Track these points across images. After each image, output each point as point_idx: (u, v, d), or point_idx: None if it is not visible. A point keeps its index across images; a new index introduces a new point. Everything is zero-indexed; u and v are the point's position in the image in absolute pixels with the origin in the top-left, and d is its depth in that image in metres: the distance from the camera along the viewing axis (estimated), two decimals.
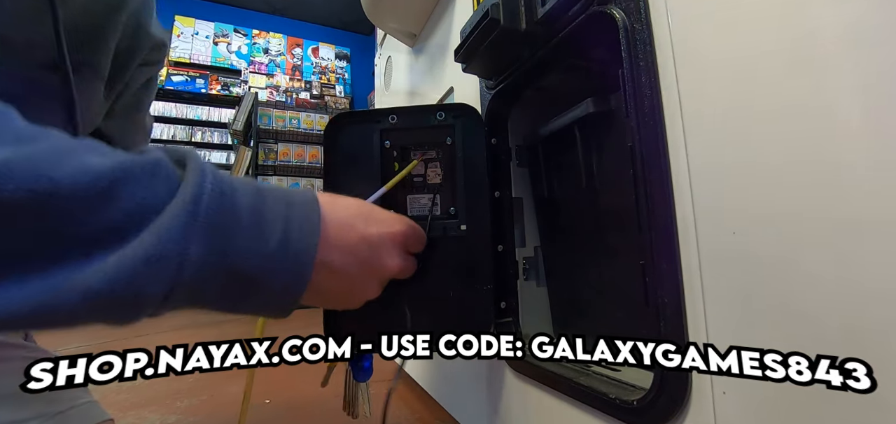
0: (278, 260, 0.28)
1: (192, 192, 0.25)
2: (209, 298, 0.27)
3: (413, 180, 0.47)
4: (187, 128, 4.21)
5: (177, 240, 0.24)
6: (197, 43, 4.42)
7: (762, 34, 0.28)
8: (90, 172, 0.23)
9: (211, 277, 0.26)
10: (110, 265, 0.23)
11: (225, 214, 0.27)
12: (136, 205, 0.24)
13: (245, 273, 0.27)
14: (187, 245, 0.25)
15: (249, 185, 0.29)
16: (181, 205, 0.25)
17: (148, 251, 0.24)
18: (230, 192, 0.27)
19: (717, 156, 0.31)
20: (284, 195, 0.31)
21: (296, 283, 0.30)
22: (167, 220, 0.24)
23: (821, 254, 0.25)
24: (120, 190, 0.24)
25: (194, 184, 0.26)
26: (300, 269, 0.30)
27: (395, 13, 0.87)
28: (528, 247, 0.62)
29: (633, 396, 0.37)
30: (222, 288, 0.27)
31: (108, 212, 0.23)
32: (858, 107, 0.24)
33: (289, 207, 0.30)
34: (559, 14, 0.45)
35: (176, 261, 0.24)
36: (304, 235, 0.30)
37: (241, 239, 0.27)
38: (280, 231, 0.29)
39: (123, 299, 0.24)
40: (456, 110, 0.48)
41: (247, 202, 0.28)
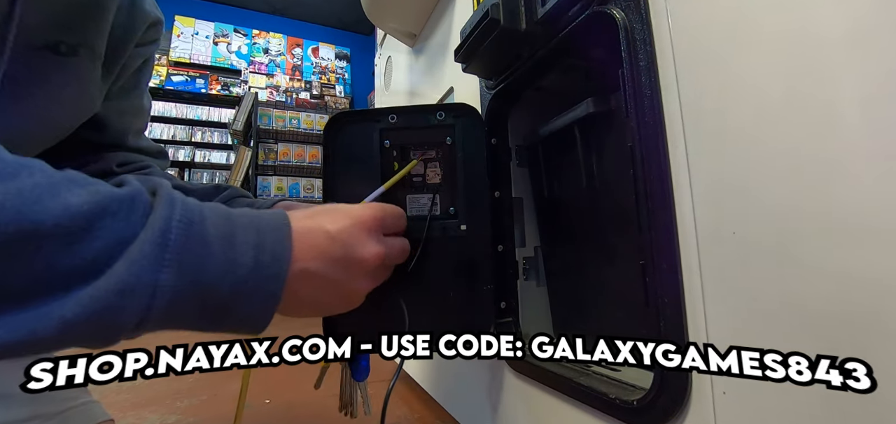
0: (251, 284, 0.29)
1: (161, 225, 0.26)
2: (186, 321, 0.28)
3: (412, 180, 0.47)
4: (187, 128, 4.21)
5: (148, 270, 0.25)
6: (197, 43, 4.42)
7: (762, 34, 0.28)
8: (70, 211, 0.24)
9: (184, 303, 0.27)
10: (85, 296, 0.24)
11: (194, 243, 0.27)
12: (114, 240, 0.25)
13: (218, 297, 0.28)
14: (158, 274, 0.26)
15: (219, 214, 0.30)
16: (150, 236, 0.26)
17: (120, 282, 0.25)
18: (199, 221, 0.28)
19: (717, 155, 0.31)
20: (255, 220, 0.32)
21: (268, 304, 0.31)
22: (137, 251, 0.26)
23: (821, 254, 0.25)
24: (98, 225, 0.25)
25: (162, 218, 0.27)
26: (272, 291, 0.31)
27: (395, 13, 0.87)
28: (528, 247, 0.62)
29: (633, 396, 0.37)
30: (198, 312, 0.28)
31: (86, 248, 0.24)
32: (859, 106, 0.24)
33: (259, 233, 0.31)
34: (559, 14, 0.45)
35: (148, 290, 0.25)
36: (275, 259, 0.31)
37: (212, 266, 0.28)
38: (251, 257, 0.30)
39: (98, 327, 0.25)
40: (456, 110, 0.48)
41: (217, 231, 0.29)
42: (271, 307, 0.31)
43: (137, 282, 0.25)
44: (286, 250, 0.31)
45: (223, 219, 0.30)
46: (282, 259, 0.31)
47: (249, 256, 0.30)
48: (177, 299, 0.26)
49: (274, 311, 0.31)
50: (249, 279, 0.29)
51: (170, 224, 0.27)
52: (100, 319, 0.24)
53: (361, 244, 0.36)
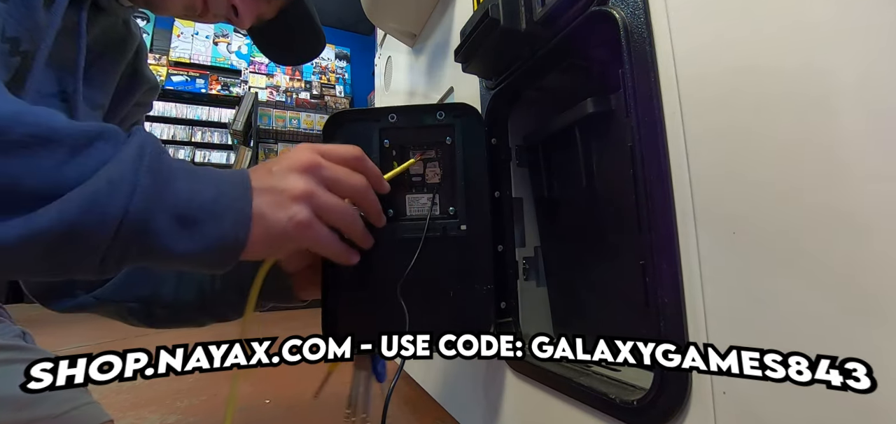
0: (218, 206, 0.33)
1: (138, 141, 0.31)
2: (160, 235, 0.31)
3: (411, 179, 0.47)
4: (187, 128, 4.21)
5: (129, 171, 0.30)
6: (197, 43, 4.42)
7: (762, 33, 0.28)
8: (78, 128, 0.29)
9: (158, 212, 0.30)
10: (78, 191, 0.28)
11: (163, 166, 0.32)
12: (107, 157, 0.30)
13: (188, 214, 0.32)
14: (136, 176, 0.30)
15: (182, 160, 0.36)
16: (130, 149, 0.31)
17: (109, 174, 0.29)
18: (167, 156, 0.33)
19: (717, 155, 0.31)
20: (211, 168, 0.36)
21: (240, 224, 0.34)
22: (119, 159, 0.30)
23: (821, 254, 0.25)
24: (96, 144, 0.30)
25: (138, 139, 0.32)
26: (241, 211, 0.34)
27: (395, 13, 0.87)
28: (528, 247, 0.62)
29: (633, 396, 0.37)
30: (169, 226, 0.31)
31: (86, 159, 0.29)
32: (860, 107, 0.24)
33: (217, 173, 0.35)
34: (559, 14, 0.45)
35: (129, 187, 0.29)
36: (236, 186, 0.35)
37: (179, 188, 0.32)
38: (213, 187, 0.33)
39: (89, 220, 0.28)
40: (456, 110, 0.48)
41: (180, 166, 0.33)
42: (245, 224, 0.34)
43: (121, 178, 0.29)
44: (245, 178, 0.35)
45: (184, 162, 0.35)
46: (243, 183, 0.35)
47: (211, 185, 0.33)
48: (151, 201, 0.30)
49: (249, 230, 0.34)
50: (216, 201, 0.33)
51: (145, 142, 0.31)
52: (92, 204, 0.28)
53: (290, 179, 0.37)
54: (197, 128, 4.25)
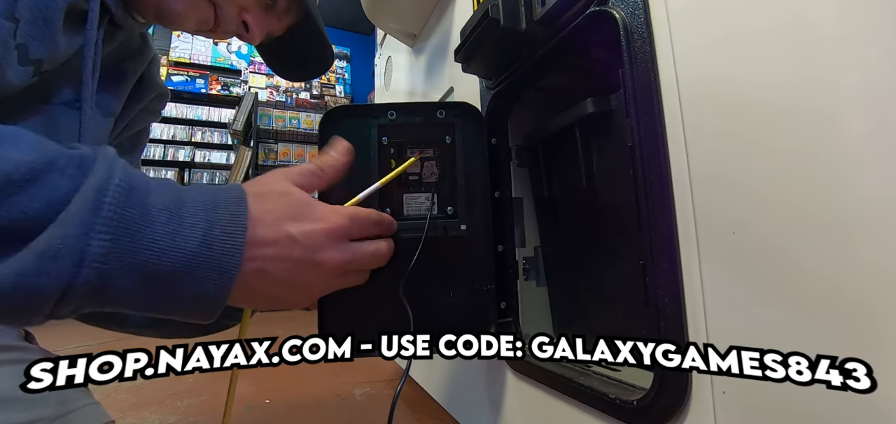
0: (200, 261, 0.27)
1: (96, 184, 0.24)
2: (121, 297, 0.26)
3: (409, 179, 0.47)
4: (187, 128, 4.20)
5: (75, 235, 0.23)
6: (197, 43, 4.42)
7: (762, 33, 0.28)
8: (11, 159, 0.23)
9: (119, 274, 0.25)
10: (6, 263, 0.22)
11: (133, 210, 0.25)
12: (59, 198, 0.23)
13: (161, 272, 0.26)
14: (86, 241, 0.23)
15: (168, 186, 0.29)
16: (83, 196, 0.24)
17: (43, 245, 0.22)
18: (143, 191, 0.27)
19: (717, 155, 0.31)
20: (208, 196, 0.30)
21: (220, 287, 0.28)
22: (68, 212, 0.23)
23: (821, 254, 0.25)
24: (43, 179, 0.23)
25: (99, 178, 0.25)
26: (225, 272, 0.28)
27: (395, 13, 0.87)
28: (528, 247, 0.62)
29: (633, 396, 0.37)
30: (135, 286, 0.26)
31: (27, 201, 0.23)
32: (859, 107, 0.24)
33: (212, 210, 0.29)
34: (559, 14, 0.45)
35: (74, 258, 0.23)
36: (229, 236, 0.29)
37: (154, 237, 0.26)
38: (201, 232, 0.28)
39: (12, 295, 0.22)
40: (456, 109, 0.48)
41: (162, 202, 0.27)
42: (227, 286, 0.28)
43: (62, 247, 0.23)
44: (242, 227, 0.29)
45: (171, 191, 0.28)
46: (237, 233, 0.29)
47: (199, 230, 0.27)
48: (108, 272, 0.24)
49: (228, 293, 0.29)
50: (200, 254, 0.27)
51: (108, 184, 0.25)
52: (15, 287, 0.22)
53: (325, 250, 0.34)
54: (197, 128, 4.24)
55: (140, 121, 0.58)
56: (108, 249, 0.24)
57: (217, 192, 0.30)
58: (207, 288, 0.28)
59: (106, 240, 0.24)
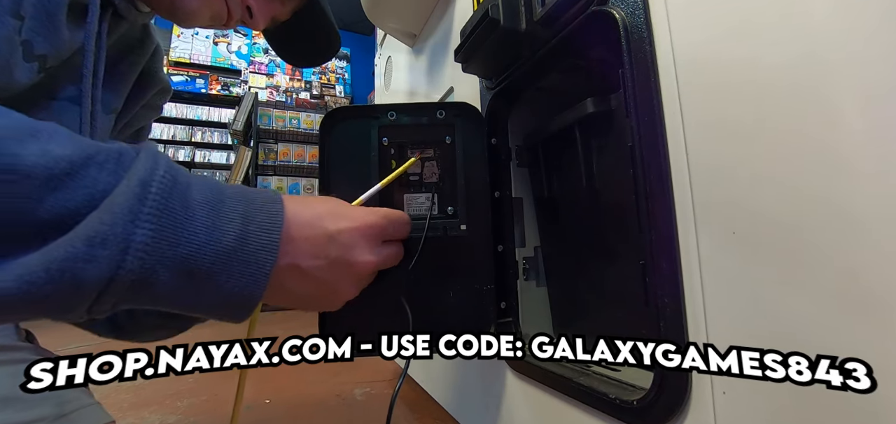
0: (236, 256, 0.28)
1: (141, 177, 0.25)
2: (160, 292, 0.26)
3: (410, 179, 0.47)
4: (187, 128, 4.21)
5: (122, 222, 0.23)
6: (197, 43, 4.42)
7: (762, 33, 0.28)
8: (52, 153, 0.23)
9: (160, 267, 0.25)
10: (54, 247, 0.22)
11: (176, 203, 0.26)
12: (100, 191, 0.24)
13: (199, 267, 0.26)
14: (133, 228, 0.24)
15: (208, 182, 0.29)
16: (128, 187, 0.24)
17: (90, 229, 0.23)
18: (184, 185, 0.27)
19: (717, 155, 0.31)
20: (245, 193, 0.30)
21: (255, 282, 0.29)
22: (112, 201, 0.24)
23: (821, 253, 0.25)
24: (83, 174, 0.23)
25: (145, 169, 0.25)
26: (260, 267, 0.29)
27: (395, 13, 0.87)
28: (528, 247, 0.62)
29: (633, 396, 0.37)
30: (174, 281, 0.26)
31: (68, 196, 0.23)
32: (860, 106, 0.24)
33: (249, 204, 0.29)
34: (559, 14, 0.45)
35: (120, 244, 0.23)
36: (265, 231, 0.29)
37: (194, 231, 0.26)
38: (238, 227, 0.28)
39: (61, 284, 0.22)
40: (456, 109, 0.48)
41: (203, 197, 0.27)
42: (261, 282, 0.29)
43: (110, 233, 0.23)
44: (277, 224, 0.30)
45: (211, 186, 0.29)
46: (273, 228, 0.29)
47: (236, 225, 0.28)
48: (151, 261, 0.24)
49: (263, 289, 0.29)
50: (236, 249, 0.27)
51: (152, 176, 0.25)
52: (63, 272, 0.22)
53: (361, 250, 0.35)
54: (197, 128, 4.25)
55: (142, 117, 0.55)
56: (151, 239, 0.24)
57: (255, 191, 0.31)
58: (242, 283, 0.28)
59: (150, 230, 0.24)
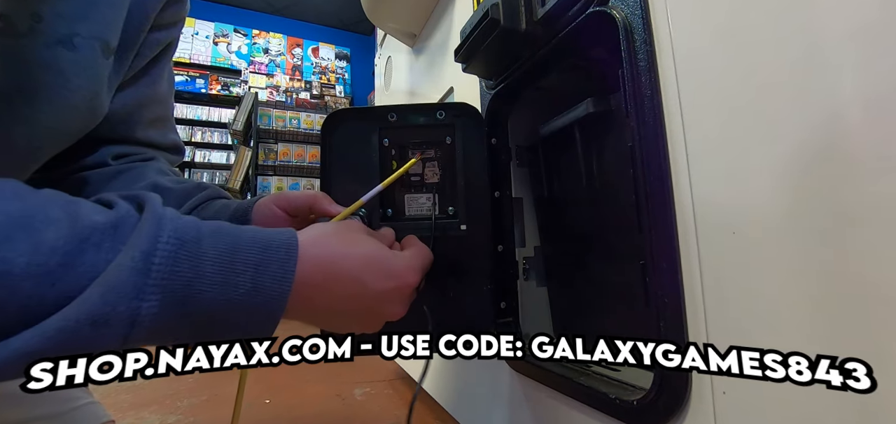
0: (246, 307, 0.28)
1: (143, 248, 0.24)
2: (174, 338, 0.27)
3: (411, 179, 0.47)
4: (187, 128, 4.21)
5: (126, 298, 0.23)
6: (197, 43, 4.42)
7: (762, 33, 0.28)
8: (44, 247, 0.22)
9: (171, 328, 0.26)
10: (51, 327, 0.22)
11: (183, 265, 0.25)
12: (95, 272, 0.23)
13: (211, 318, 0.27)
14: (138, 303, 0.24)
15: (222, 232, 0.28)
16: (132, 262, 0.24)
17: (93, 311, 0.22)
18: (194, 241, 0.26)
19: (717, 155, 0.31)
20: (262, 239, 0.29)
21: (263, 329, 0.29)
22: (114, 276, 0.23)
23: (821, 254, 0.25)
24: (79, 261, 0.23)
25: (147, 239, 0.25)
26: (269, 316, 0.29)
27: (395, 13, 0.87)
28: (528, 247, 0.62)
29: (633, 396, 0.37)
30: (188, 330, 0.27)
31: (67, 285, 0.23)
32: (860, 106, 0.24)
33: (263, 251, 0.29)
34: (559, 14, 0.45)
35: (126, 320, 0.23)
36: (277, 281, 0.29)
37: (201, 289, 0.26)
38: (250, 278, 0.28)
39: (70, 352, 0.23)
40: (456, 109, 0.48)
41: (215, 251, 0.27)
42: (269, 329, 0.29)
43: (112, 314, 0.23)
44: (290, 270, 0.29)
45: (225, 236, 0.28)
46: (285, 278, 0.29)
47: (248, 276, 0.28)
48: (159, 324, 0.25)
49: (273, 329, 0.29)
50: (247, 302, 0.28)
51: (155, 246, 0.25)
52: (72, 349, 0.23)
53: (395, 305, 0.35)
54: (197, 128, 4.25)
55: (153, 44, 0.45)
56: (158, 308, 0.24)
57: (272, 234, 0.30)
58: (251, 329, 0.28)
59: (156, 302, 0.24)
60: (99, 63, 0.37)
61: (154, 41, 0.45)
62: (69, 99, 0.36)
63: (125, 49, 0.41)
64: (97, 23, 0.36)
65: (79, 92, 0.36)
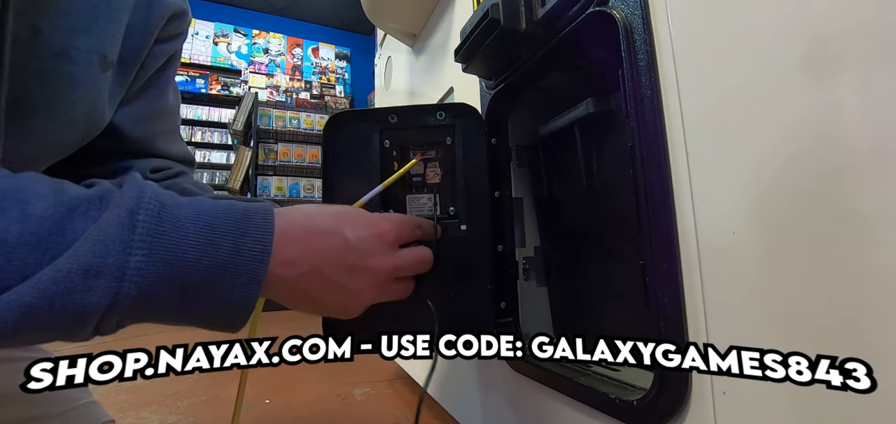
0: (228, 269, 0.28)
1: (128, 206, 0.26)
2: (162, 307, 0.27)
3: (412, 180, 0.47)
4: (187, 128, 4.21)
5: (114, 252, 0.25)
6: (197, 43, 4.42)
7: (762, 34, 0.28)
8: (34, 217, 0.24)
9: (158, 286, 0.26)
10: (45, 278, 0.23)
11: (167, 225, 0.27)
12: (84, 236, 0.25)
13: (194, 281, 0.27)
14: (126, 257, 0.25)
15: (201, 202, 0.29)
16: (118, 217, 0.25)
17: (84, 262, 0.24)
18: (173, 206, 0.28)
19: (717, 155, 0.31)
20: (240, 206, 0.31)
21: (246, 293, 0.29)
22: (100, 232, 0.25)
23: (821, 254, 0.25)
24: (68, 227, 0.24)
25: (131, 199, 0.26)
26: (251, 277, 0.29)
27: (395, 13, 0.87)
28: (528, 247, 0.62)
29: (633, 396, 0.37)
30: (172, 296, 0.27)
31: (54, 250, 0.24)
32: (860, 106, 0.24)
33: (243, 216, 0.30)
34: (559, 14, 0.45)
35: (115, 273, 0.25)
36: (257, 243, 0.30)
37: (186, 249, 0.27)
38: (231, 241, 0.29)
39: (63, 312, 0.24)
40: (456, 110, 0.48)
41: (194, 215, 0.28)
42: (253, 293, 0.29)
43: (103, 265, 0.24)
44: (268, 236, 0.30)
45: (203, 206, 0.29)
46: (265, 241, 0.30)
47: (229, 239, 0.29)
48: (148, 282, 0.26)
49: (255, 298, 0.30)
50: (229, 263, 0.28)
51: (139, 204, 0.26)
52: (63, 303, 0.23)
53: (378, 255, 0.35)
54: (197, 128, 4.25)
55: (159, 55, 0.46)
56: (145, 263, 0.26)
57: (251, 205, 0.32)
58: (234, 294, 0.29)
59: (143, 256, 0.26)
60: (97, 76, 0.38)
61: (158, 53, 0.46)
62: (68, 112, 0.37)
63: (128, 62, 0.42)
64: (95, 37, 0.37)
65: (77, 105, 0.37)
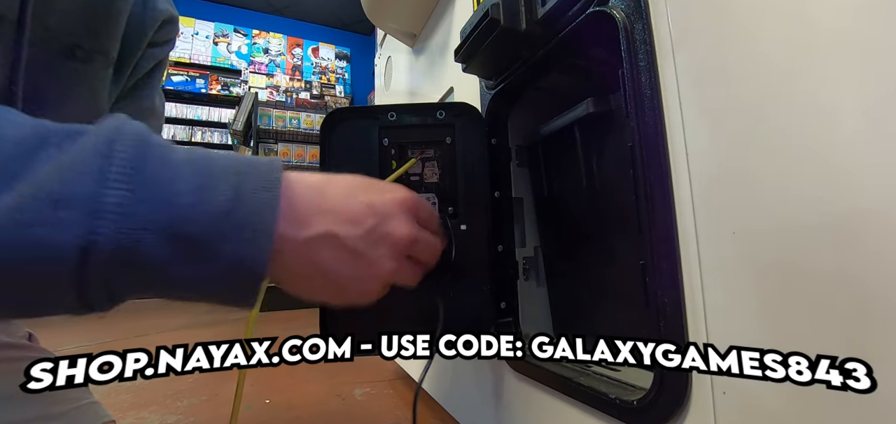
0: (231, 218, 0.24)
1: (106, 135, 0.22)
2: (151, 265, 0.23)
3: (410, 179, 0.47)
4: (187, 128, 4.21)
5: (87, 182, 0.21)
6: (197, 43, 4.42)
7: (762, 34, 0.28)
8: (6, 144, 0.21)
9: (144, 233, 0.22)
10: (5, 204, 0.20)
11: (152, 161, 0.23)
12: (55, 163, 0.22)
13: (191, 232, 0.23)
14: (101, 189, 0.21)
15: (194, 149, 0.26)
16: (94, 144, 0.22)
17: (51, 190, 0.21)
18: (160, 145, 0.24)
19: (717, 155, 0.31)
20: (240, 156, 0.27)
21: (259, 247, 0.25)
22: (72, 158, 0.21)
23: (821, 254, 0.25)
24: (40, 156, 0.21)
25: (109, 128, 0.23)
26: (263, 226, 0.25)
27: (395, 13, 0.87)
28: (528, 247, 0.62)
29: (633, 396, 0.37)
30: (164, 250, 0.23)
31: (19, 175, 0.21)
32: (860, 107, 0.24)
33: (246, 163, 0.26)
34: (559, 14, 0.45)
35: (88, 206, 0.21)
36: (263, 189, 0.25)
37: (178, 191, 0.23)
38: (231, 186, 0.24)
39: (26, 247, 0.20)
40: (456, 109, 0.48)
41: (186, 155, 0.24)
42: (266, 247, 0.25)
43: (72, 193, 0.21)
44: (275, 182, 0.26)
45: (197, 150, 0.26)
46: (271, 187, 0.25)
47: (228, 182, 0.24)
48: (130, 226, 0.22)
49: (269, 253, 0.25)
50: (232, 210, 0.24)
51: (118, 134, 0.23)
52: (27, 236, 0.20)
53: (398, 221, 0.32)
54: (197, 128, 4.25)
55: (150, 57, 0.48)
56: (126, 199, 0.22)
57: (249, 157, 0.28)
58: (244, 249, 0.24)
59: (123, 190, 0.22)
60: (100, 74, 0.39)
61: (151, 56, 0.48)
62: (73, 106, 0.38)
63: (124, 62, 0.43)
64: (100, 37, 0.38)
65: (81, 100, 0.38)
